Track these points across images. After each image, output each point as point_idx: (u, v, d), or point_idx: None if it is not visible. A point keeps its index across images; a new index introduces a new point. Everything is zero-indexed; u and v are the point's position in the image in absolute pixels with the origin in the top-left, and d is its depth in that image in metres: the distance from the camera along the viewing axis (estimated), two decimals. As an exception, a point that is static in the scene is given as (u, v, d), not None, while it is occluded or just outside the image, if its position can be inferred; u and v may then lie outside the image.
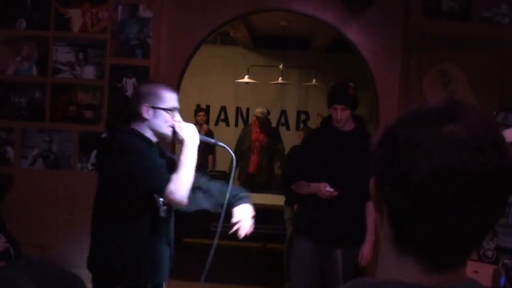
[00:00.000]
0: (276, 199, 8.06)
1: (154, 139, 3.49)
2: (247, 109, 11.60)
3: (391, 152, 1.07)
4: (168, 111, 3.45)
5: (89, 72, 5.42)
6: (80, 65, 5.42)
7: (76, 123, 5.43)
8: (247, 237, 3.69)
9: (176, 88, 5.42)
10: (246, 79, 10.36)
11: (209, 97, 11.52)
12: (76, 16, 5.42)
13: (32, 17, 5.43)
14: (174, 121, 3.44)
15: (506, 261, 4.61)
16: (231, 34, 10.41)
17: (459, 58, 5.54)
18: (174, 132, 3.42)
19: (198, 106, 10.60)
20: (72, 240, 5.35)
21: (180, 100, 5.68)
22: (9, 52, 5.45)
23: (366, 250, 4.79)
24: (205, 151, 9.91)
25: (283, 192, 7.42)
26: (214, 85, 11.36)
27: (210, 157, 10.01)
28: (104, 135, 5.37)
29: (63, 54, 5.43)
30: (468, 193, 1.00)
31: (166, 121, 3.44)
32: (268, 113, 10.23)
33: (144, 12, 5.39)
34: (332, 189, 4.69)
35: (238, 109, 11.63)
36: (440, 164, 1.00)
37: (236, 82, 10.69)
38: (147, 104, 3.43)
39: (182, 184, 3.22)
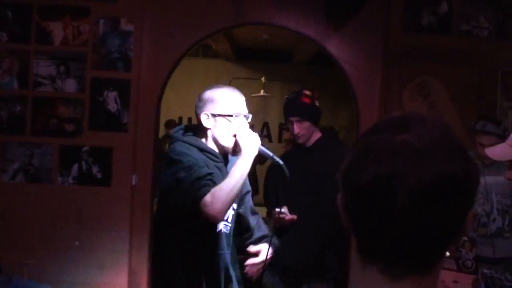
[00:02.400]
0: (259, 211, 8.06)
1: (216, 149, 3.28)
2: (230, 122, 11.62)
3: (351, 162, 1.11)
4: (230, 117, 3.21)
5: (70, 85, 5.40)
6: (61, 78, 5.40)
7: (57, 136, 5.41)
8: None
9: (158, 101, 5.43)
10: (228, 91, 10.37)
11: (192, 109, 11.44)
12: (57, 30, 5.41)
13: (13, 31, 5.40)
14: (237, 129, 3.20)
15: (485, 270, 4.65)
16: (213, 47, 10.45)
17: (439, 70, 5.59)
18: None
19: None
20: (54, 255, 5.32)
21: (162, 113, 5.72)
22: (-10, 65, 5.43)
23: None
24: None
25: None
26: (196, 97, 11.35)
27: None
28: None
29: (44, 68, 5.41)
30: (415, 199, 1.02)
31: (228, 130, 3.22)
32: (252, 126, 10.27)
33: (125, 25, 5.39)
34: (284, 214, 3.94)
35: (220, 122, 11.62)
36: (385, 170, 1.03)
37: (218, 94, 10.68)
38: (207, 112, 3.25)
39: (220, 196, 2.97)
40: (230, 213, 3.36)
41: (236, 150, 3.22)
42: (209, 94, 3.32)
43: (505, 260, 4.64)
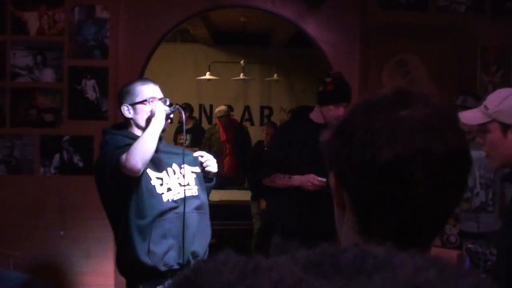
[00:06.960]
0: (240, 195, 8.11)
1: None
2: (211, 106, 11.59)
3: (351, 141, 1.07)
4: (145, 103, 3.44)
5: (47, 75, 5.37)
6: (39, 68, 5.37)
7: (37, 127, 5.37)
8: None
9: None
10: (207, 76, 10.36)
11: (171, 95, 11.26)
12: (32, 19, 5.36)
13: (-12, 22, 5.36)
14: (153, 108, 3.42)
15: (469, 245, 4.68)
16: (191, 31, 10.37)
17: (417, 47, 5.60)
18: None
19: None
20: (39, 245, 5.30)
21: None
22: (-34, 57, 5.38)
23: None
24: None
25: (249, 187, 7.43)
26: (176, 83, 11.25)
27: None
28: None
29: (21, 58, 5.37)
30: (432, 174, 1.02)
31: (147, 113, 3.43)
32: (231, 109, 10.22)
33: (101, 13, 5.35)
34: (323, 179, 4.20)
35: (201, 106, 11.61)
36: (404, 147, 1.02)
37: (198, 79, 10.66)
38: (126, 104, 3.46)
39: (135, 150, 3.21)
40: (191, 176, 3.58)
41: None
42: (125, 88, 3.55)
43: (489, 234, 4.67)
